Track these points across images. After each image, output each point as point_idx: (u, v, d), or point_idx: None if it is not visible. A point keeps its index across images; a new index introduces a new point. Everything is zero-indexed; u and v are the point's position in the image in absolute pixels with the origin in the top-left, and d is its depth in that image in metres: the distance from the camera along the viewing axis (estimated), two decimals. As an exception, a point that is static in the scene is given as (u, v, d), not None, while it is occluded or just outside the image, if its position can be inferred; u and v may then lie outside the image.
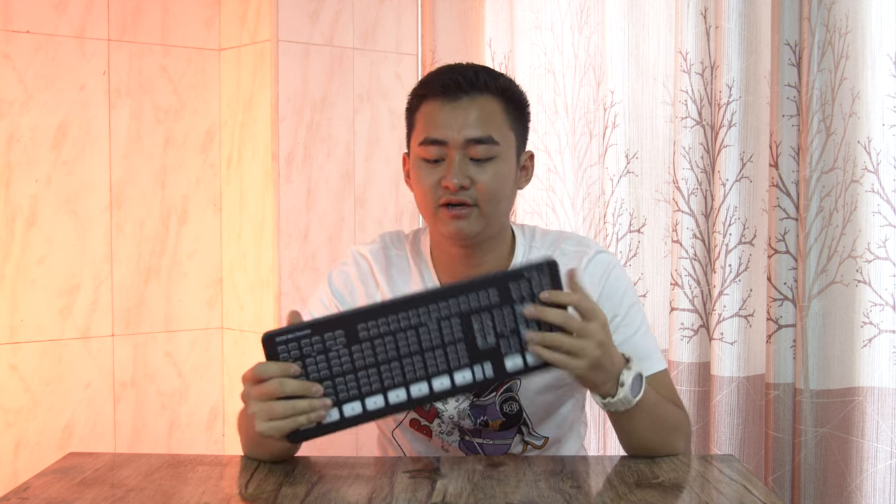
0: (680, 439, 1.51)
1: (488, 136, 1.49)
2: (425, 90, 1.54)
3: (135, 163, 2.51)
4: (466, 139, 1.48)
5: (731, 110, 2.07)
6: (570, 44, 2.51)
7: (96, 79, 2.45)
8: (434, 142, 1.50)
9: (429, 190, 1.51)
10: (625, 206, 2.34)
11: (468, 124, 1.49)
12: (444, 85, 1.50)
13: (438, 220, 1.51)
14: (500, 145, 1.50)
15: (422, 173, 1.52)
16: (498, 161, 1.50)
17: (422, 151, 1.51)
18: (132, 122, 2.50)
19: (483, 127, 1.49)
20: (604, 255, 1.59)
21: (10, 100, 2.34)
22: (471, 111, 1.49)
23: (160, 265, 2.55)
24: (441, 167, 1.50)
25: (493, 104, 1.51)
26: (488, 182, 1.49)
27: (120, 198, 2.49)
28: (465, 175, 1.48)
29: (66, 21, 2.40)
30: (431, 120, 1.51)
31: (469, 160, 1.49)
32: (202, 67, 2.59)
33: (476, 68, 1.53)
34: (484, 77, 1.52)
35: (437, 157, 1.50)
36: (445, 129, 1.49)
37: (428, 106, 1.52)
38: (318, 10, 2.52)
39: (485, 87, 1.51)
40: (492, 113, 1.51)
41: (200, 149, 2.60)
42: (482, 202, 1.49)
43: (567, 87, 2.51)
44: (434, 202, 1.50)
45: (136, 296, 2.52)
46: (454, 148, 1.49)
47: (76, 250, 2.43)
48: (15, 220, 2.35)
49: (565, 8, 2.51)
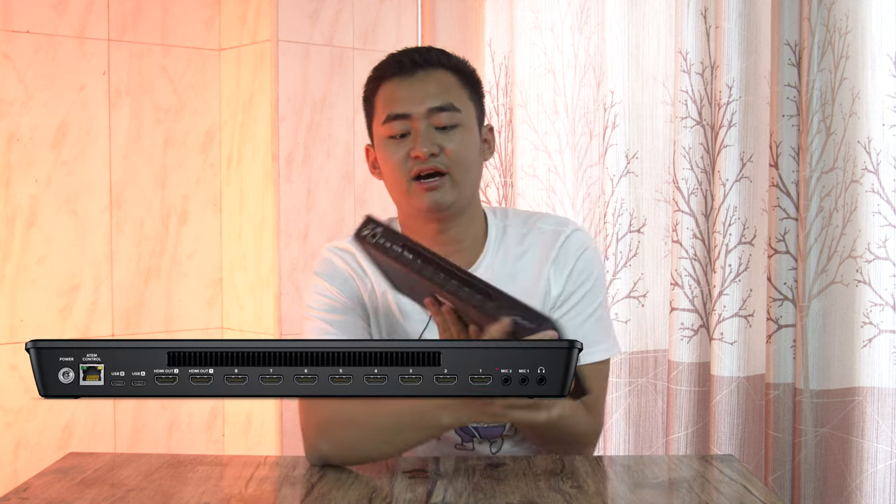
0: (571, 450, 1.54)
1: (449, 103, 1.52)
2: (380, 72, 1.57)
3: (135, 163, 2.51)
4: (429, 109, 1.51)
5: (731, 110, 2.07)
6: (570, 44, 2.51)
7: (96, 79, 2.45)
8: (397, 116, 1.52)
9: (398, 165, 1.52)
10: (625, 206, 2.34)
11: (428, 95, 1.52)
12: (399, 62, 1.54)
13: (412, 194, 1.52)
14: (462, 113, 1.53)
15: (388, 151, 1.53)
16: (462, 129, 1.53)
17: (385, 130, 1.53)
18: (132, 122, 2.50)
19: (443, 96, 1.52)
20: (581, 234, 1.60)
21: (10, 100, 2.34)
22: (429, 83, 1.53)
23: (160, 265, 2.55)
24: (407, 141, 1.52)
25: (448, 77, 1.55)
26: (456, 148, 1.51)
27: (120, 198, 2.49)
28: (433, 143, 1.50)
29: (66, 21, 2.40)
30: (391, 97, 1.53)
31: (434, 129, 1.51)
32: (202, 67, 2.59)
33: (427, 47, 1.59)
34: (436, 54, 1.56)
35: (402, 131, 1.52)
36: (407, 103, 1.52)
37: (386, 86, 1.55)
38: (318, 10, 2.52)
39: (438, 63, 1.55)
40: (448, 84, 1.54)
41: (200, 149, 2.60)
42: (452, 168, 1.51)
43: (567, 87, 2.50)
44: (405, 177, 1.52)
45: (136, 296, 2.52)
46: (418, 119, 1.51)
47: (76, 250, 2.43)
48: (15, 220, 2.35)
49: (565, 8, 2.51)
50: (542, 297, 1.57)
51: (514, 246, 1.59)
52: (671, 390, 2.20)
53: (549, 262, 1.57)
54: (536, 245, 1.58)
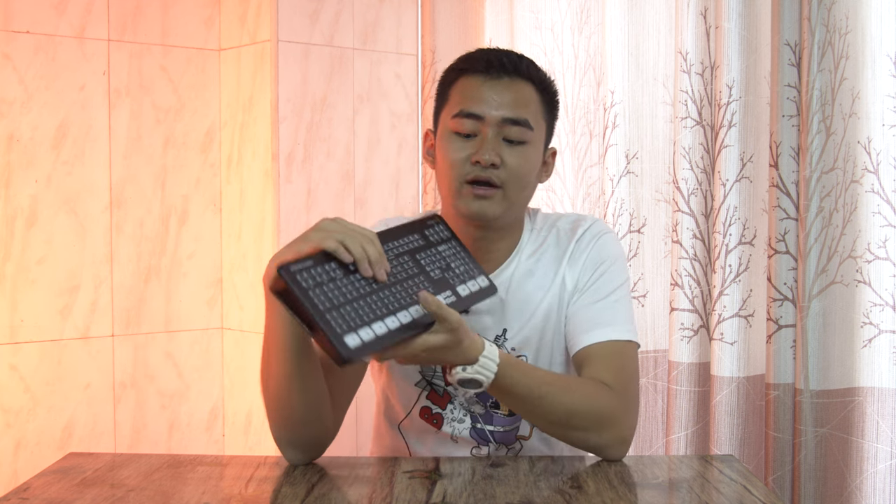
0: (592, 436, 1.44)
1: (524, 118, 1.50)
2: (466, 64, 1.54)
3: (135, 163, 2.51)
4: (503, 118, 1.49)
5: (731, 110, 2.07)
6: (570, 44, 2.51)
7: (96, 79, 2.45)
8: (470, 115, 1.49)
9: (456, 164, 1.50)
10: (625, 206, 2.34)
11: (506, 103, 1.49)
12: (488, 61, 1.51)
13: (461, 196, 1.50)
14: (533, 131, 1.51)
15: (451, 146, 1.51)
16: (529, 147, 1.51)
17: (455, 124, 1.50)
18: (132, 123, 2.50)
19: (520, 109, 1.50)
20: (598, 224, 1.59)
21: (10, 100, 2.34)
22: (510, 92, 1.50)
23: (160, 265, 2.55)
24: (472, 143, 1.49)
25: (531, 91, 1.52)
26: (518, 165, 1.49)
27: (120, 198, 2.49)
28: (497, 154, 1.48)
29: (66, 21, 2.40)
30: (469, 93, 1.51)
31: (502, 140, 1.49)
32: (202, 67, 2.59)
33: (520, 55, 1.55)
34: (527, 63, 1.53)
35: (471, 131, 1.50)
36: (483, 105, 1.49)
37: (467, 80, 1.52)
38: (318, 10, 2.52)
39: (526, 74, 1.52)
40: (529, 99, 1.52)
41: (200, 149, 2.60)
42: (508, 184, 1.49)
43: (567, 87, 2.51)
44: (459, 177, 1.50)
45: (136, 296, 2.52)
46: (489, 124, 1.49)
47: (76, 250, 2.43)
48: (15, 220, 2.35)
49: (565, 8, 2.51)
50: (559, 292, 1.57)
51: (534, 246, 1.59)
52: (671, 390, 2.20)
53: (566, 259, 1.57)
54: (554, 244, 1.59)
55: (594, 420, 1.44)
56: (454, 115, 1.51)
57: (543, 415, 1.44)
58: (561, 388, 1.44)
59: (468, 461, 1.47)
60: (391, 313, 1.31)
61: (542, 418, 1.45)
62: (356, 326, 1.26)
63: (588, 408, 1.43)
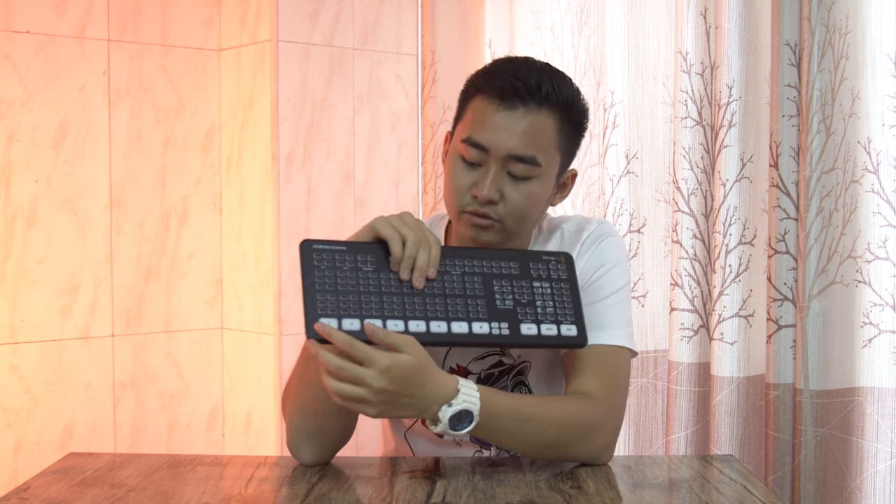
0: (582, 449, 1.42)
1: (532, 156, 1.43)
2: (483, 83, 1.46)
3: (135, 163, 2.51)
4: (509, 154, 1.43)
5: (731, 110, 2.07)
6: (570, 44, 2.51)
7: (96, 79, 2.45)
8: (476, 144, 1.44)
9: (458, 192, 1.46)
10: (625, 206, 2.34)
11: (515, 137, 1.42)
12: (502, 88, 1.42)
13: (460, 221, 1.48)
14: (541, 167, 1.44)
15: (455, 171, 1.47)
16: (534, 182, 1.45)
17: (462, 149, 1.46)
18: (132, 123, 2.50)
19: (529, 146, 1.43)
20: (604, 226, 1.56)
21: (10, 100, 2.34)
22: (522, 124, 1.43)
23: (160, 265, 2.55)
24: (476, 172, 1.45)
25: (547, 122, 1.44)
26: (518, 201, 1.45)
27: (120, 198, 2.49)
28: (497, 189, 1.44)
29: (66, 21, 2.40)
30: (480, 120, 1.44)
31: (506, 174, 1.44)
32: (202, 67, 2.59)
33: (542, 76, 1.44)
34: (547, 88, 1.43)
35: (476, 160, 1.44)
36: (491, 135, 1.43)
37: (481, 102, 1.45)
38: (318, 10, 2.52)
39: (545, 100, 1.43)
40: (543, 131, 1.44)
41: (200, 149, 2.60)
42: (506, 219, 1.45)
43: (567, 87, 2.50)
44: (459, 205, 1.47)
45: (136, 296, 2.52)
46: (494, 158, 1.43)
47: (76, 250, 2.43)
48: (15, 220, 2.35)
49: (565, 8, 2.51)
50: None
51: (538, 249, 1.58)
52: (671, 390, 2.20)
53: None
54: (558, 246, 1.56)
55: (581, 433, 1.41)
56: (463, 138, 1.46)
57: (534, 436, 1.39)
58: (545, 405, 1.41)
59: (468, 461, 1.47)
60: (401, 318, 1.31)
61: (531, 443, 1.40)
62: (344, 315, 1.28)
63: (574, 421, 1.40)
